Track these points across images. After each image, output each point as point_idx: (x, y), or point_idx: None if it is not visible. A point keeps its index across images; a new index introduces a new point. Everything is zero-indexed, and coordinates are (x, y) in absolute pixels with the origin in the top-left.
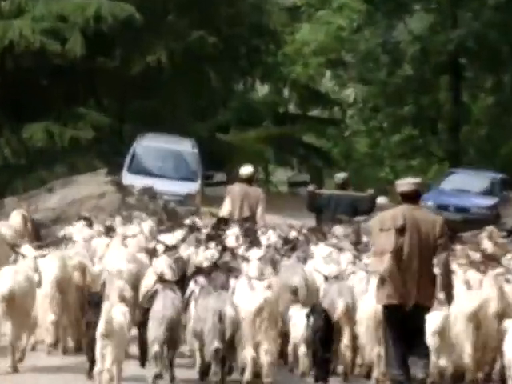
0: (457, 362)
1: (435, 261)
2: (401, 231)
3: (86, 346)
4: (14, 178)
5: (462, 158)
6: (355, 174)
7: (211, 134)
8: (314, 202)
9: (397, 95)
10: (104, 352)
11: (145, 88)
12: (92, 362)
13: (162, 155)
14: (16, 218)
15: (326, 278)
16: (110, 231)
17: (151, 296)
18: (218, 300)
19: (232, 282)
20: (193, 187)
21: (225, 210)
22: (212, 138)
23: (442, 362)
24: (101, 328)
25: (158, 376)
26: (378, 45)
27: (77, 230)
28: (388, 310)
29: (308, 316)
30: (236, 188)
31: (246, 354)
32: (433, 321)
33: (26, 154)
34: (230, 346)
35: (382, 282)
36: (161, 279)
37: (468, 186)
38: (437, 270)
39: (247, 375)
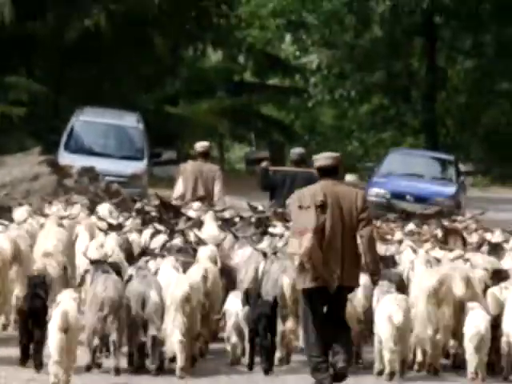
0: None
1: (359, 237)
2: (321, 208)
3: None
4: None
5: (439, 129)
6: (320, 148)
7: (158, 107)
8: (268, 180)
9: (365, 60)
10: (61, 345)
11: (82, 56)
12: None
13: (103, 131)
14: None
15: (265, 255)
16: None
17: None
18: (142, 283)
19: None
20: (139, 167)
21: (177, 192)
22: (159, 111)
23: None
24: (57, 322)
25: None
26: (344, 4)
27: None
28: (310, 293)
29: (244, 303)
30: (189, 166)
31: (174, 340)
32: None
33: None
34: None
35: (302, 264)
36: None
37: (420, 169)
38: (361, 246)
39: (180, 362)
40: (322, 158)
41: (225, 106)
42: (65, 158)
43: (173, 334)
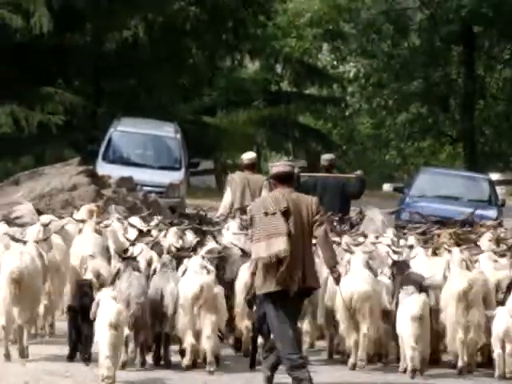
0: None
1: (314, 238)
2: (285, 214)
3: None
4: None
5: (478, 137)
6: (357, 157)
7: (196, 117)
8: (299, 187)
9: (403, 69)
10: (112, 341)
11: (120, 66)
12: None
13: (141, 141)
14: None
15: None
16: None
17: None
18: (162, 279)
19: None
20: (176, 177)
21: (226, 202)
22: (197, 122)
23: (420, 346)
24: (109, 319)
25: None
26: (381, 13)
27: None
28: (273, 297)
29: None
30: (236, 176)
31: (186, 339)
32: (412, 305)
33: None
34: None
35: (267, 268)
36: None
37: (455, 191)
38: (318, 246)
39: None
40: (281, 165)
41: (262, 115)
42: (103, 169)
43: (186, 330)
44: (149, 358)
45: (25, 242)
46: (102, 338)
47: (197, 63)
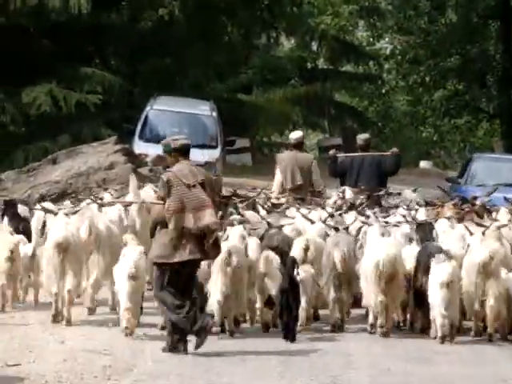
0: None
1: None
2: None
3: None
4: (13, 148)
5: None
6: (394, 135)
7: (232, 95)
8: (336, 167)
9: (440, 45)
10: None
11: (156, 45)
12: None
13: (177, 120)
14: None
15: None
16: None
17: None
18: None
19: None
20: (213, 155)
21: (277, 181)
22: (233, 100)
23: (451, 313)
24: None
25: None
26: None
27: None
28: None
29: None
30: (285, 155)
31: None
32: (442, 272)
33: (27, 121)
34: None
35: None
36: None
37: None
38: None
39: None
40: (182, 139)
41: (298, 93)
42: (139, 147)
43: (214, 294)
44: None
45: (56, 214)
46: (121, 290)
47: (232, 41)
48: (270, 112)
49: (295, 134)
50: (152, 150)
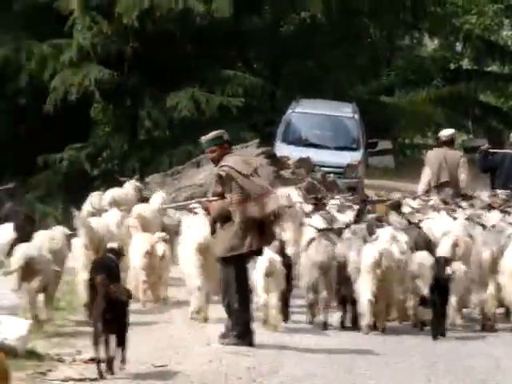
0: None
1: None
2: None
3: None
4: (157, 152)
5: None
6: None
7: (374, 97)
8: (487, 162)
9: None
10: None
11: (298, 48)
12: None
13: (319, 122)
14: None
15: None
16: None
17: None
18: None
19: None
20: (355, 157)
21: (424, 179)
22: (375, 102)
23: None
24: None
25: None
26: None
27: None
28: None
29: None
30: (434, 153)
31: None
32: None
33: (170, 125)
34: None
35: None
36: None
37: None
38: None
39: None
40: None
41: (441, 94)
42: (282, 150)
43: (363, 293)
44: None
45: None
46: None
47: (375, 43)
48: (413, 113)
49: (446, 132)
50: (294, 153)
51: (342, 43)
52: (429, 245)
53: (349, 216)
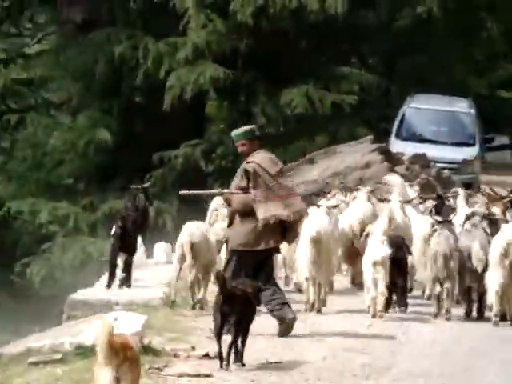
0: None
1: None
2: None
3: None
4: (271, 148)
5: None
6: None
7: (491, 92)
8: None
9: None
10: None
11: (414, 43)
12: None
13: (434, 118)
14: None
15: None
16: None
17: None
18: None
19: None
20: (470, 153)
21: None
22: (492, 96)
23: None
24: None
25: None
26: None
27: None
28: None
29: None
30: None
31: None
32: None
33: (284, 122)
34: None
35: None
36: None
37: None
38: None
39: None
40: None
41: None
42: (396, 146)
43: (491, 284)
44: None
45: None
46: (367, 276)
47: (492, 37)
48: None
49: None
50: (409, 149)
51: (458, 38)
52: None
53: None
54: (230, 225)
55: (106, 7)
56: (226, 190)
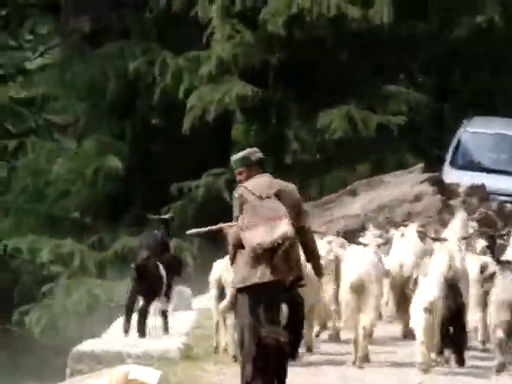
0: None
1: None
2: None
3: None
4: (305, 178)
5: None
6: None
7: None
8: None
9: None
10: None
11: (471, 57)
12: None
13: (495, 144)
14: None
15: None
16: None
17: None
18: None
19: None
20: None
21: None
22: None
23: None
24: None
25: (501, 365)
26: None
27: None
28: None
29: None
30: None
31: None
32: None
33: (321, 147)
34: None
35: None
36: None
37: None
38: None
39: None
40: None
41: None
42: (451, 175)
43: None
44: None
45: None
46: (417, 323)
47: None
48: None
49: None
50: (466, 179)
51: None
52: None
53: None
54: (232, 262)
55: (116, 15)
56: (224, 224)
